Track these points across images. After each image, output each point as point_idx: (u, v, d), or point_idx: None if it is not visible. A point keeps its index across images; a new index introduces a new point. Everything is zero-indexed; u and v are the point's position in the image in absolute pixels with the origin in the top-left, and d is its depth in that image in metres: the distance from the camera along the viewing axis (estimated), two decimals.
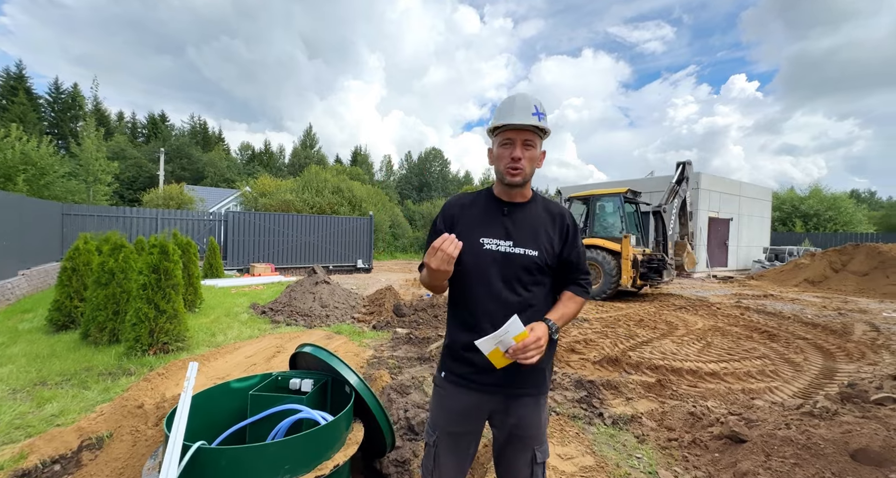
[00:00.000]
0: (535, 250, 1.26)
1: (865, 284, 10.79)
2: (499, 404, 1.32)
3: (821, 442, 1.98)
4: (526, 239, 1.28)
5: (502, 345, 1.13)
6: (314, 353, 2.57)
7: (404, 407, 3.12)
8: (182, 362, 3.56)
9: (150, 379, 3.10)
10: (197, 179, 34.92)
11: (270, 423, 2.28)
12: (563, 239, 1.32)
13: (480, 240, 1.29)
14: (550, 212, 1.34)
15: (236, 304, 6.69)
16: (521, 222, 1.30)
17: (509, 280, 1.26)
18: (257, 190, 21.22)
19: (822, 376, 3.92)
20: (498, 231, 1.29)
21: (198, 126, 44.57)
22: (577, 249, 1.35)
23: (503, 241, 1.28)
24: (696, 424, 2.65)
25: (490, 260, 1.27)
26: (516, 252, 1.26)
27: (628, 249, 8.35)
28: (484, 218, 1.32)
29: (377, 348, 4.48)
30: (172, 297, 3.92)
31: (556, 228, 1.31)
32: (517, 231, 1.29)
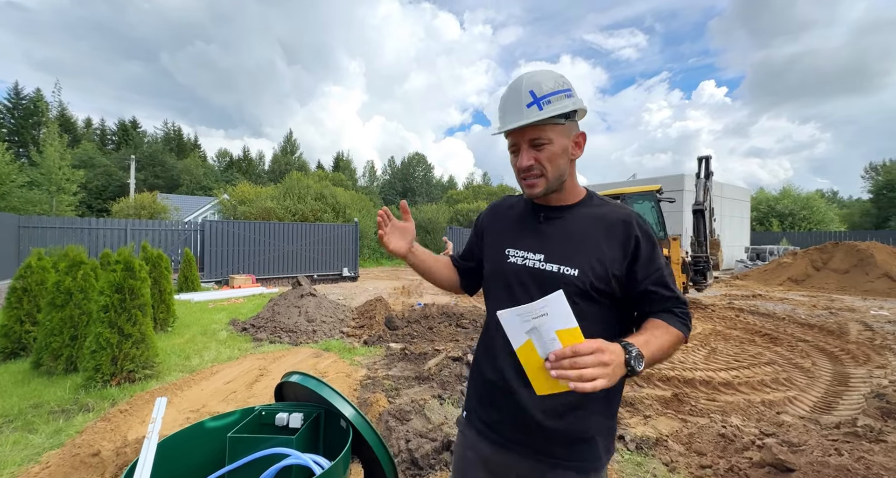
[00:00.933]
0: (575, 268, 0.92)
1: (846, 282, 11.04)
2: (530, 471, 0.97)
3: (883, 473, 1.77)
4: (563, 253, 0.95)
5: (538, 339, 0.73)
6: (303, 383, 2.22)
7: (405, 436, 2.79)
8: (149, 394, 3.14)
9: (109, 418, 2.68)
10: (171, 187, 33.60)
11: (254, 470, 1.91)
12: (627, 255, 0.93)
13: (506, 251, 1.02)
14: (608, 218, 0.97)
15: (214, 320, 6.20)
16: (562, 231, 0.98)
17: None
18: (236, 198, 20.44)
19: (836, 382, 3.80)
20: (529, 241, 1.00)
21: (172, 132, 43.05)
22: (657, 268, 0.94)
23: (533, 253, 0.98)
24: (728, 447, 2.42)
25: (514, 277, 0.98)
26: (548, 269, 0.94)
27: (678, 253, 7.77)
28: (516, 225, 1.06)
29: (370, 367, 4.13)
30: (139, 319, 3.49)
31: (614, 239, 0.94)
32: (553, 242, 0.97)
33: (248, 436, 2.05)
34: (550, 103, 0.90)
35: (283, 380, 2.46)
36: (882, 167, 32.21)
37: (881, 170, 32.05)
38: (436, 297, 9.22)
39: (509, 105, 0.94)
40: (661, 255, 0.96)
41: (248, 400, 3.23)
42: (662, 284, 0.93)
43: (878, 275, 10.66)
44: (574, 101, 0.93)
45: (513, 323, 0.75)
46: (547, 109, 0.90)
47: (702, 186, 8.91)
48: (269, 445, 1.99)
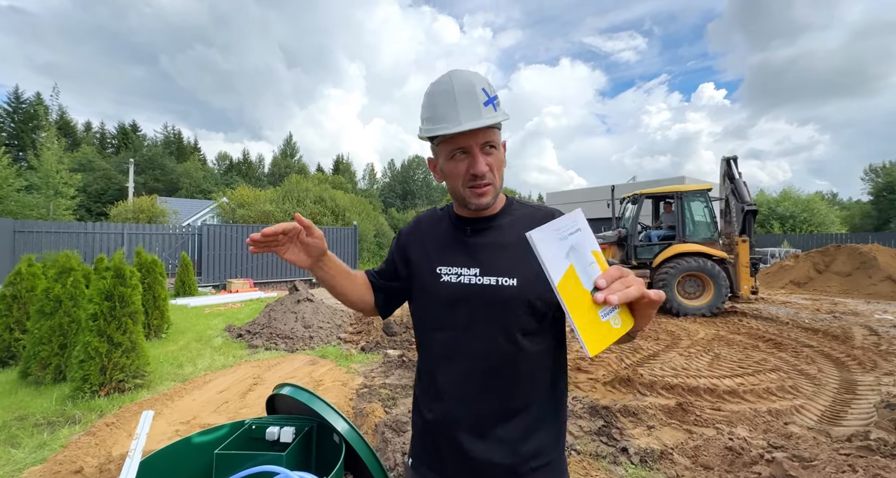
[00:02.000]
0: (514, 278, 0.84)
1: (849, 285, 10.95)
2: None
3: None
4: (499, 264, 0.86)
5: (579, 262, 0.61)
6: (294, 395, 2.14)
7: (402, 448, 2.71)
8: (138, 405, 3.05)
9: (94, 432, 2.59)
10: (171, 191, 33.59)
11: None
12: None
13: (437, 270, 0.92)
14: (537, 220, 0.86)
15: (210, 326, 6.12)
16: (493, 242, 0.90)
17: (483, 324, 0.85)
18: (235, 201, 20.38)
19: (843, 390, 3.71)
20: (460, 257, 0.90)
21: (172, 136, 43.13)
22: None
23: (466, 269, 0.88)
24: (735, 461, 2.34)
25: (451, 297, 0.88)
26: (485, 283, 0.86)
27: (747, 255, 7.48)
28: (444, 241, 0.96)
29: (367, 375, 4.05)
30: (129, 327, 3.41)
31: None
32: (486, 255, 0.89)
33: (236, 453, 1.96)
34: (499, 105, 0.83)
35: (275, 392, 2.37)
36: (882, 169, 32.19)
37: (881, 172, 32.02)
38: None
39: (464, 102, 0.80)
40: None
41: (240, 411, 3.14)
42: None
43: (882, 278, 10.58)
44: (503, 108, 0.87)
45: (551, 244, 0.60)
46: (500, 112, 0.82)
47: (744, 186, 8.29)
48: (258, 462, 1.90)
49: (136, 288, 3.57)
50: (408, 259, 1.00)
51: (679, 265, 7.45)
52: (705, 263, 7.47)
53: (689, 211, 7.94)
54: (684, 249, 7.62)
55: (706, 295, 7.61)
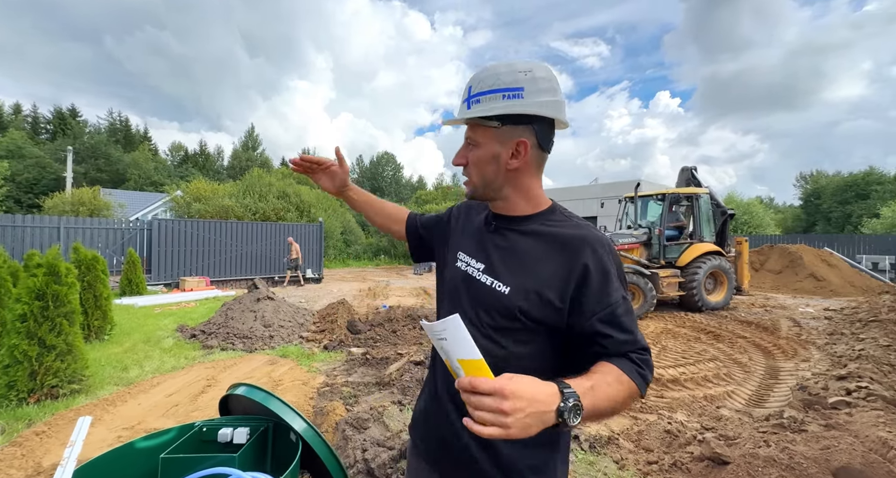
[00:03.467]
0: (507, 286, 0.81)
1: (780, 282, 12.06)
2: None
3: (803, 461, 1.92)
4: (502, 267, 0.84)
5: (448, 360, 0.68)
6: (249, 395, 2.10)
7: (362, 445, 2.72)
8: (74, 412, 2.84)
9: (20, 442, 2.39)
10: (117, 182, 31.13)
11: None
12: (571, 282, 0.77)
13: (457, 254, 0.96)
14: (560, 237, 0.82)
15: (159, 326, 5.77)
16: (506, 244, 0.87)
17: (479, 317, 0.84)
18: (191, 194, 19.22)
19: (768, 376, 4.12)
20: (476, 248, 0.92)
21: (118, 123, 39.90)
22: (609, 305, 0.77)
23: (476, 261, 0.89)
24: (672, 443, 2.55)
25: (453, 282, 0.93)
26: (482, 281, 0.85)
27: (746, 253, 8.04)
28: (472, 229, 0.98)
29: (329, 373, 4.00)
30: (65, 328, 3.17)
31: (559, 261, 0.79)
32: (495, 254, 0.87)
33: (183, 456, 1.89)
34: (479, 103, 0.81)
35: (229, 392, 2.31)
36: (810, 177, 35.65)
37: (809, 179, 35.46)
38: (402, 299, 9.12)
39: (462, 96, 0.87)
40: (620, 289, 0.79)
41: (191, 414, 3.01)
42: (615, 323, 0.76)
43: (806, 275, 11.73)
44: (512, 104, 0.78)
45: (430, 335, 0.69)
46: (473, 109, 0.82)
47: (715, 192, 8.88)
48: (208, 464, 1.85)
49: (72, 286, 3.31)
50: (448, 227, 1.05)
51: (705, 264, 7.81)
52: (722, 262, 7.98)
53: (699, 213, 8.31)
54: (706, 249, 8.03)
55: (721, 291, 8.10)
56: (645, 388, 0.76)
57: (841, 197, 28.94)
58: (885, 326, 5.58)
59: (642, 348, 0.77)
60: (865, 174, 28.99)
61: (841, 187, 29.37)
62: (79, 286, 3.45)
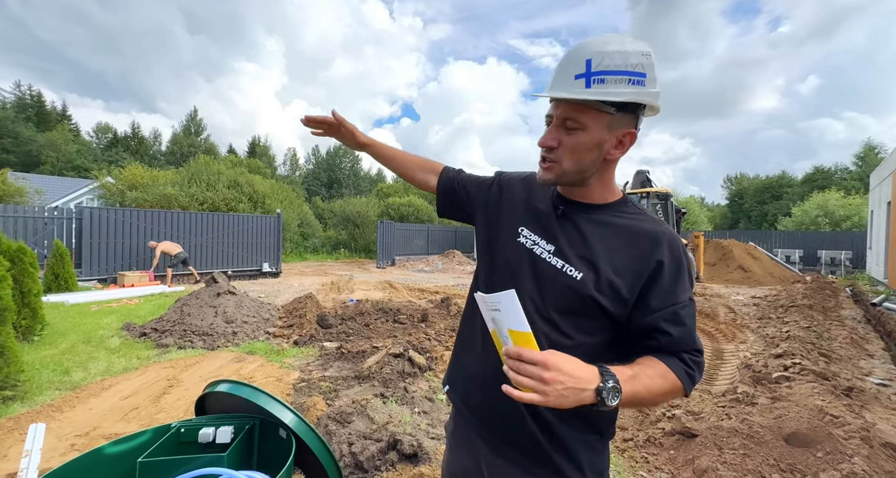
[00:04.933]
0: (580, 272, 0.79)
1: (713, 273, 13.38)
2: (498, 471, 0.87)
3: (760, 430, 2.18)
4: (574, 252, 0.81)
5: (497, 331, 0.72)
6: (234, 392, 1.97)
7: (348, 439, 2.68)
8: (12, 421, 2.50)
9: None
10: (29, 165, 27.36)
11: None
12: (643, 277, 0.77)
13: (519, 229, 0.89)
14: (635, 229, 0.81)
15: (100, 325, 5.20)
16: (577, 231, 0.83)
17: (542, 298, 0.82)
18: (124, 182, 17.37)
19: (714, 357, 4.58)
20: (544, 229, 0.87)
21: (29, 98, 34.91)
22: (675, 303, 0.76)
23: (546, 242, 0.84)
24: (644, 421, 2.77)
25: (518, 259, 0.87)
26: (552, 263, 0.82)
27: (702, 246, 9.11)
28: (535, 207, 0.91)
29: (304, 369, 3.85)
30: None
31: (634, 255, 0.78)
32: (566, 239, 0.83)
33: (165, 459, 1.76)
34: (603, 84, 0.71)
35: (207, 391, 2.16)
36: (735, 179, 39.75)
37: (734, 181, 39.52)
38: (368, 292, 8.95)
39: (561, 66, 0.76)
40: (688, 289, 0.79)
41: (155, 417, 2.77)
42: (677, 321, 0.76)
43: (735, 267, 13.12)
44: (638, 91, 0.72)
45: (483, 306, 0.76)
46: (594, 90, 0.72)
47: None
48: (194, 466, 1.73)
49: (2, 280, 2.90)
50: (499, 197, 0.98)
51: None
52: (689, 254, 8.89)
53: (669, 210, 9.35)
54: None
55: None
56: (691, 387, 0.77)
57: (759, 198, 32.60)
58: (802, 310, 6.42)
59: (696, 350, 0.78)
60: (779, 178, 32.90)
61: (759, 189, 33.08)
62: (10, 281, 3.02)
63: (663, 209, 9.39)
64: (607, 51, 0.71)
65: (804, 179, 32.33)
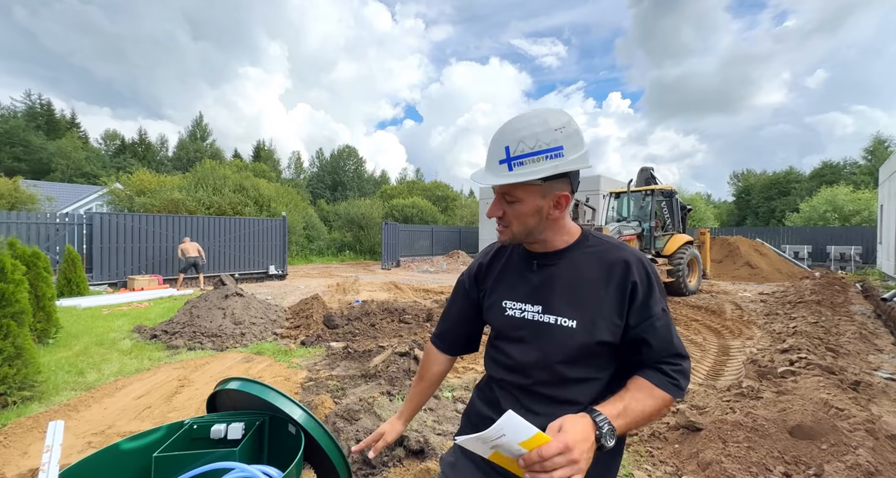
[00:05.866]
0: (574, 320, 0.85)
1: (720, 270, 13.27)
2: None
3: (764, 423, 2.19)
4: (561, 303, 0.87)
5: (504, 451, 0.71)
6: (244, 389, 2.02)
7: (355, 436, 2.72)
8: (32, 419, 2.58)
9: None
10: (40, 173, 27.87)
11: None
12: (623, 302, 0.84)
13: (503, 303, 0.96)
14: (605, 260, 0.88)
15: (112, 328, 5.31)
16: (556, 280, 0.90)
17: (548, 357, 0.87)
18: (133, 187, 17.63)
19: (721, 353, 4.57)
20: (523, 292, 0.93)
21: (39, 106, 35.52)
22: (650, 316, 0.84)
23: (530, 305, 0.91)
24: None
25: (515, 331, 0.93)
26: (546, 322, 0.87)
27: (708, 243, 9.08)
28: (510, 273, 0.98)
29: (311, 368, 3.91)
30: (13, 330, 2.85)
31: (613, 284, 0.86)
32: (549, 292, 0.89)
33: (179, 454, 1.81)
34: (522, 165, 0.80)
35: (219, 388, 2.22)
36: (741, 175, 39.37)
37: (740, 177, 39.14)
38: (373, 293, 9.01)
39: (490, 155, 0.86)
40: (661, 302, 0.87)
41: (168, 415, 2.84)
42: (657, 336, 0.83)
43: (742, 263, 13.01)
44: (558, 164, 0.79)
45: (475, 446, 0.72)
46: (516, 172, 0.80)
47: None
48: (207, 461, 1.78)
49: (20, 284, 2.99)
50: (482, 286, 1.04)
51: (686, 253, 8.63)
52: (695, 250, 8.90)
53: (674, 207, 9.17)
54: (685, 240, 8.91)
55: (694, 276, 8.97)
56: (681, 393, 0.83)
57: (766, 194, 32.24)
58: (810, 306, 6.36)
59: (677, 355, 0.84)
60: (786, 173, 32.52)
61: (766, 185, 32.72)
62: (26, 284, 3.11)
63: (668, 206, 9.12)
64: (521, 136, 0.80)
65: (812, 174, 31.94)
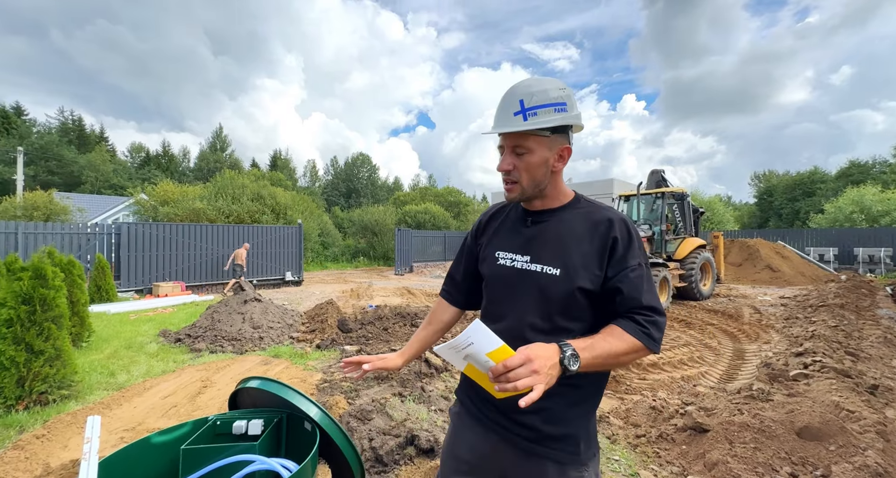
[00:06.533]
0: (558, 268, 0.94)
1: (740, 273, 12.94)
2: (513, 459, 0.99)
3: (772, 424, 2.19)
4: (548, 254, 0.98)
5: (474, 362, 0.80)
6: (263, 387, 2.15)
7: (368, 435, 2.82)
8: (71, 416, 2.77)
9: (22, 446, 2.33)
10: (71, 185, 29.24)
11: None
12: (603, 255, 0.94)
13: (496, 254, 1.07)
14: (591, 218, 0.99)
15: (139, 332, 5.58)
16: (546, 234, 1.01)
17: (524, 308, 0.98)
18: (157, 198, 18.37)
19: (735, 357, 4.50)
20: (515, 244, 1.04)
21: (71, 122, 37.41)
22: (626, 268, 0.93)
23: (519, 255, 1.02)
24: (657, 417, 2.79)
25: (504, 279, 1.03)
26: (532, 269, 0.98)
27: (722, 247, 8.81)
28: (506, 228, 1.11)
29: (326, 371, 4.04)
30: (53, 332, 3.07)
31: (596, 239, 0.95)
32: (538, 244, 1.00)
33: (204, 447, 1.95)
34: (536, 116, 0.91)
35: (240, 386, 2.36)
36: (763, 176, 38.27)
37: (762, 178, 38.05)
38: (387, 298, 9.15)
39: (501, 108, 0.97)
40: (639, 257, 0.95)
41: (192, 413, 3.00)
42: (630, 285, 0.92)
43: (763, 267, 12.66)
44: (564, 116, 0.92)
45: (449, 355, 0.80)
46: (531, 121, 0.92)
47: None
48: (230, 453, 1.92)
49: (59, 290, 3.21)
50: (479, 240, 1.17)
51: (699, 256, 8.41)
52: (708, 254, 8.65)
53: (686, 210, 8.89)
54: (697, 243, 8.65)
55: (708, 280, 8.73)
56: (654, 344, 0.88)
57: (790, 195, 31.23)
58: (832, 309, 6.18)
59: (649, 308, 0.90)
60: (810, 173, 31.46)
61: (790, 186, 31.71)
62: (65, 290, 3.34)
63: (680, 209, 8.84)
64: (533, 91, 0.92)
65: (838, 173, 30.81)
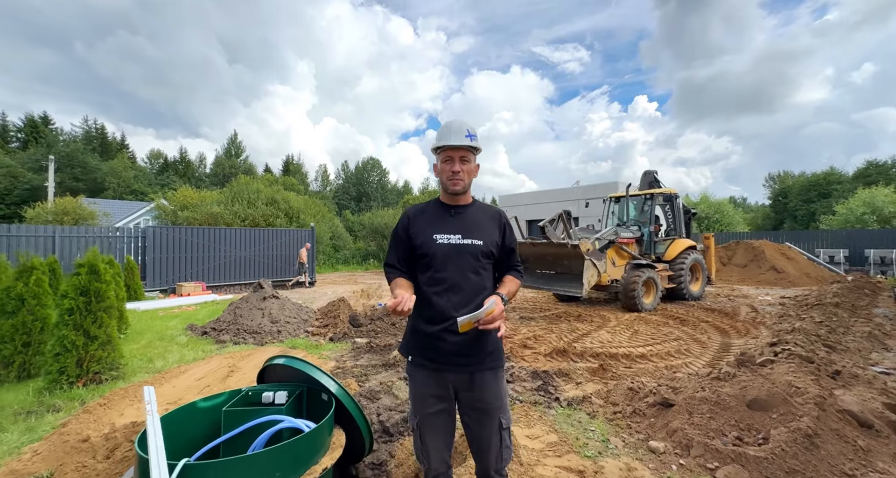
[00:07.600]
0: (480, 240, 1.55)
1: (745, 275, 13.02)
2: (463, 381, 1.53)
3: (726, 398, 2.51)
4: (472, 232, 1.57)
5: (472, 318, 1.37)
6: (288, 363, 2.57)
7: (377, 411, 3.20)
8: (124, 391, 3.22)
9: (91, 410, 2.79)
10: (95, 191, 30.53)
11: (244, 439, 2.26)
12: (501, 233, 1.64)
13: (434, 236, 1.56)
14: (488, 212, 1.67)
15: (168, 326, 6.08)
16: (466, 220, 1.59)
17: (462, 267, 1.52)
18: (177, 202, 19.20)
19: (721, 349, 4.77)
20: (448, 228, 1.57)
21: (94, 130, 39.03)
22: (509, 244, 1.66)
23: (453, 235, 1.56)
24: (634, 397, 3.11)
25: (444, 251, 1.53)
26: (465, 242, 1.55)
27: (713, 246, 8.76)
28: (435, 219, 1.61)
29: (339, 359, 4.44)
30: (105, 321, 3.54)
31: (495, 225, 1.63)
32: (464, 226, 1.58)
33: (242, 409, 2.42)
34: (476, 139, 1.57)
35: (268, 363, 2.81)
36: (778, 177, 37.75)
37: (777, 179, 37.54)
38: None
39: (454, 131, 1.54)
40: (514, 237, 1.70)
41: None
42: (512, 254, 1.68)
43: (768, 268, 12.72)
44: (479, 142, 1.59)
45: (463, 319, 1.39)
46: (475, 142, 1.56)
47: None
48: (262, 415, 2.36)
49: (110, 284, 3.69)
50: (409, 231, 1.63)
51: (688, 258, 8.39)
52: (698, 255, 8.59)
53: (677, 211, 8.83)
54: (687, 245, 8.58)
55: (698, 282, 8.65)
56: (522, 278, 1.71)
57: (805, 196, 30.78)
58: (826, 308, 6.37)
59: (519, 264, 1.71)
60: (826, 174, 30.97)
61: (805, 187, 31.25)
62: (114, 284, 3.82)
63: (671, 210, 8.75)
64: (469, 125, 1.58)
65: (856, 174, 30.30)
